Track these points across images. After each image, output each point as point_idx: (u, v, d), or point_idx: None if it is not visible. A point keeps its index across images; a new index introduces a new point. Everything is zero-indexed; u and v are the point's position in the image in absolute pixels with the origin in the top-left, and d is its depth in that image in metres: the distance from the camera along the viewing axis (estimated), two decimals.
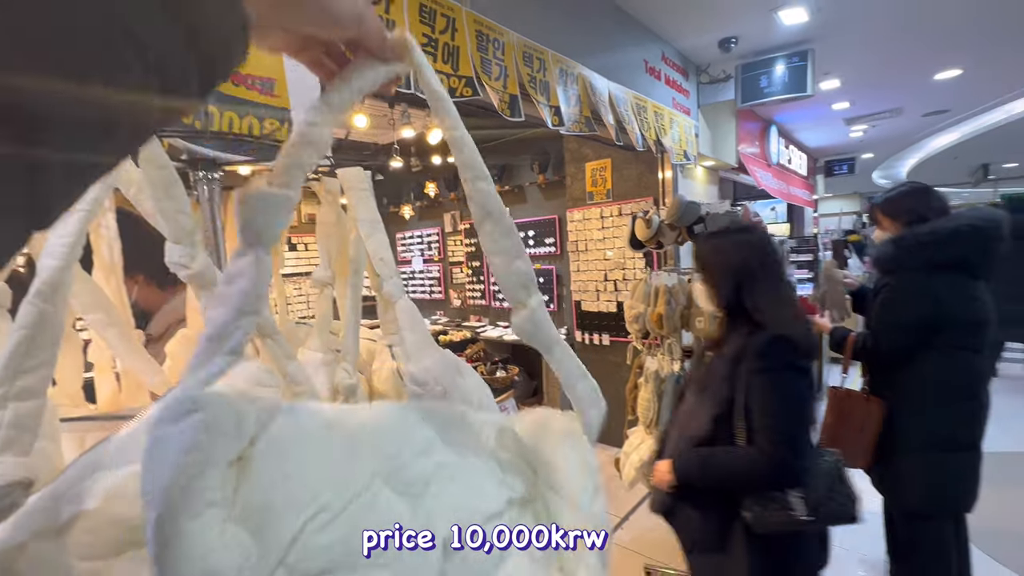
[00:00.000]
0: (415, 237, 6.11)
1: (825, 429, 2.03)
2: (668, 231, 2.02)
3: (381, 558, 0.30)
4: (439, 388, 0.68)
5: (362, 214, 0.76)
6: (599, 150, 3.82)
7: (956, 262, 1.74)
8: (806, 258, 6.32)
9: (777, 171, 5.22)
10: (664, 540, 2.66)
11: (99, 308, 0.60)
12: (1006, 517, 2.64)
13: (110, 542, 0.37)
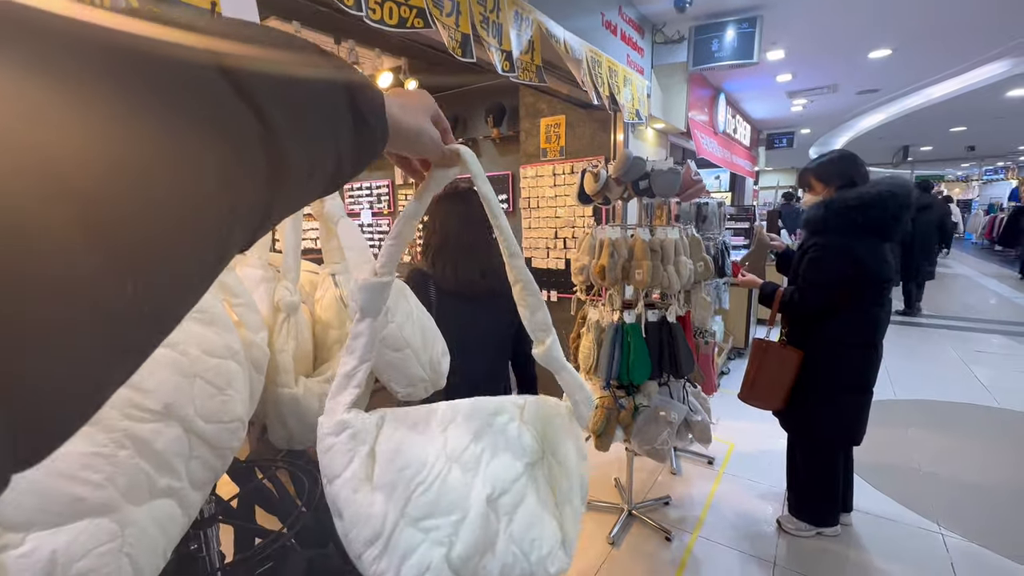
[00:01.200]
0: (364, 189, 5.88)
1: (747, 376, 2.25)
2: (615, 186, 2.08)
3: (456, 508, 0.47)
4: None
5: None
6: (554, 106, 3.79)
7: (875, 226, 1.92)
8: (743, 226, 6.69)
9: (723, 139, 5.41)
10: (596, 477, 2.88)
11: None
12: (886, 453, 3.07)
13: None
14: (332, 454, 0.45)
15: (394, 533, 0.44)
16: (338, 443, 0.45)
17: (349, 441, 0.45)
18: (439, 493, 0.47)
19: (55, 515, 0.36)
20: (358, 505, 0.43)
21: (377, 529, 0.43)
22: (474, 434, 0.53)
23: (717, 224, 3.06)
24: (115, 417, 0.41)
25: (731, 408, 3.73)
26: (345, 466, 0.44)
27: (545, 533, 0.51)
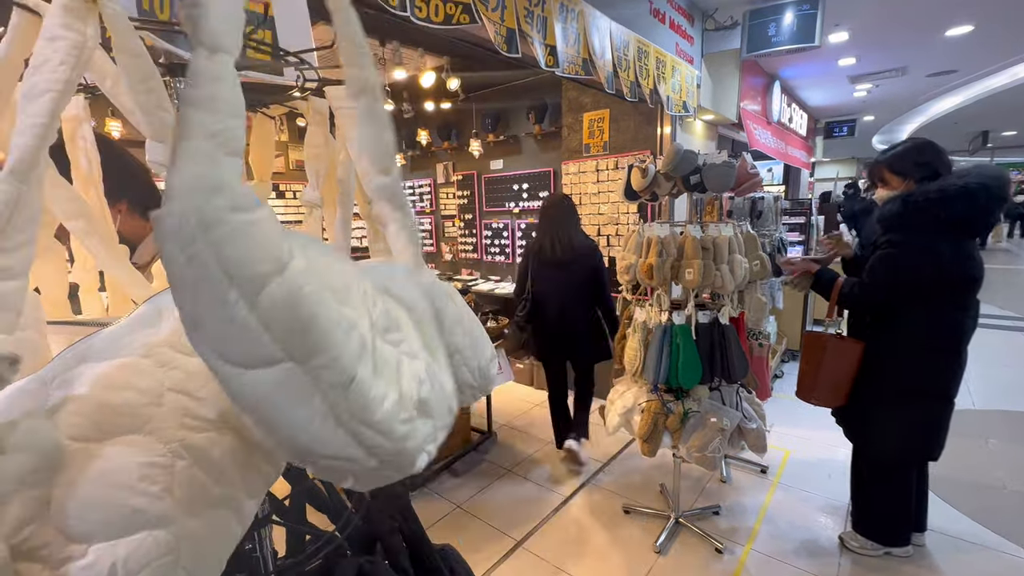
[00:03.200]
0: (407, 189, 5.98)
1: (802, 372, 2.10)
2: (663, 181, 2.00)
3: (402, 323, 0.43)
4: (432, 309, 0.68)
5: (351, 133, 0.73)
6: (598, 100, 3.70)
7: (961, 221, 1.73)
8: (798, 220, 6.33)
9: (777, 130, 5.12)
10: (642, 483, 2.80)
11: (80, 215, 0.58)
12: (963, 468, 2.81)
13: (99, 425, 0.38)
14: (256, 235, 0.28)
15: (376, 343, 0.34)
16: (261, 220, 0.29)
17: (275, 220, 0.30)
18: (385, 306, 0.40)
19: (115, 527, 0.36)
20: (332, 305, 0.32)
21: (363, 337, 0.33)
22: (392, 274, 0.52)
23: (773, 220, 2.88)
24: (172, 426, 0.41)
25: (786, 413, 3.53)
26: (287, 253, 0.30)
27: (444, 367, 0.50)
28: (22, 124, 0.37)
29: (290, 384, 0.30)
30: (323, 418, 0.32)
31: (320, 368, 0.30)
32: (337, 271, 0.37)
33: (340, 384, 0.31)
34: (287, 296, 0.29)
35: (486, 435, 3.29)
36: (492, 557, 2.24)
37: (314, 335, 0.30)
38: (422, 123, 5.27)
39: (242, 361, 0.29)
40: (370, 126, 0.50)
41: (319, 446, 0.33)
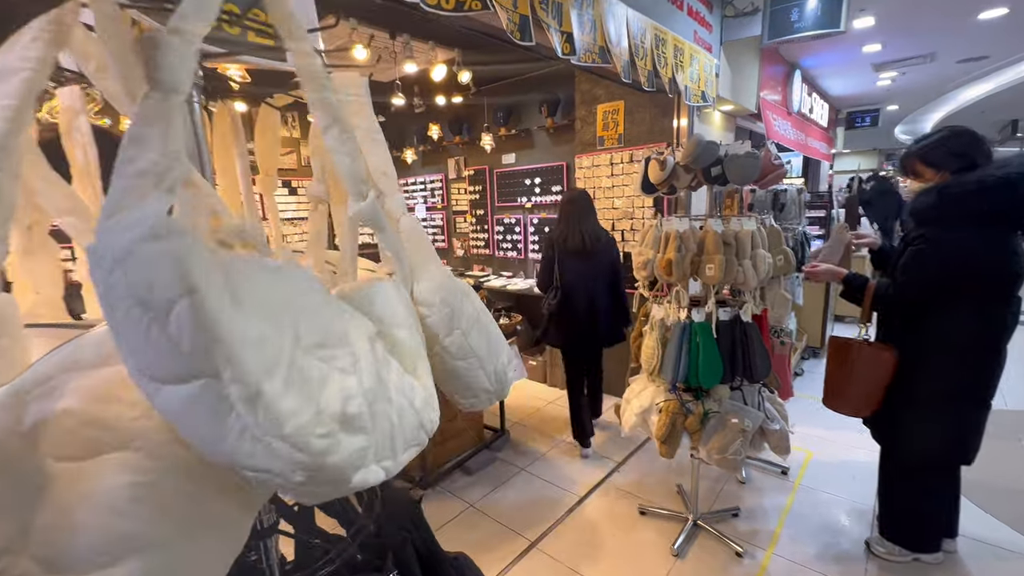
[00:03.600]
0: (418, 184, 5.95)
1: (830, 379, 2.02)
2: (683, 174, 1.93)
3: (344, 341, 0.42)
4: (446, 310, 0.64)
5: (361, 123, 0.69)
6: (612, 91, 3.62)
7: (1002, 213, 1.63)
8: (819, 214, 6.17)
9: (797, 120, 4.98)
10: (658, 484, 2.74)
11: (72, 212, 0.55)
12: (997, 470, 2.70)
13: (84, 443, 0.34)
14: (164, 265, 0.29)
15: (295, 358, 0.35)
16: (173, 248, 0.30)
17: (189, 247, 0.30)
18: (325, 322, 0.40)
19: (104, 555, 0.33)
20: (241, 324, 0.32)
21: (276, 353, 0.34)
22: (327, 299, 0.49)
23: (797, 213, 2.79)
24: (162, 441, 0.37)
25: (807, 413, 3.44)
26: (200, 279, 0.30)
27: (415, 383, 0.50)
28: None
29: (205, 399, 0.31)
30: (239, 432, 0.32)
31: (229, 382, 0.31)
32: (262, 290, 0.36)
33: (247, 398, 0.32)
34: (192, 316, 0.30)
35: (499, 433, 3.26)
36: (506, 558, 2.21)
37: (219, 351, 0.31)
38: (433, 117, 5.23)
39: (160, 377, 0.31)
40: (343, 155, 0.53)
41: (241, 458, 0.33)
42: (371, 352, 0.45)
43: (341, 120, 0.52)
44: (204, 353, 0.30)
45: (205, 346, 0.30)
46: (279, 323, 0.36)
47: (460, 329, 0.67)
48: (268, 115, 0.82)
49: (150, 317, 0.30)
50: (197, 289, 0.30)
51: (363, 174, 0.54)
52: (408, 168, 6.02)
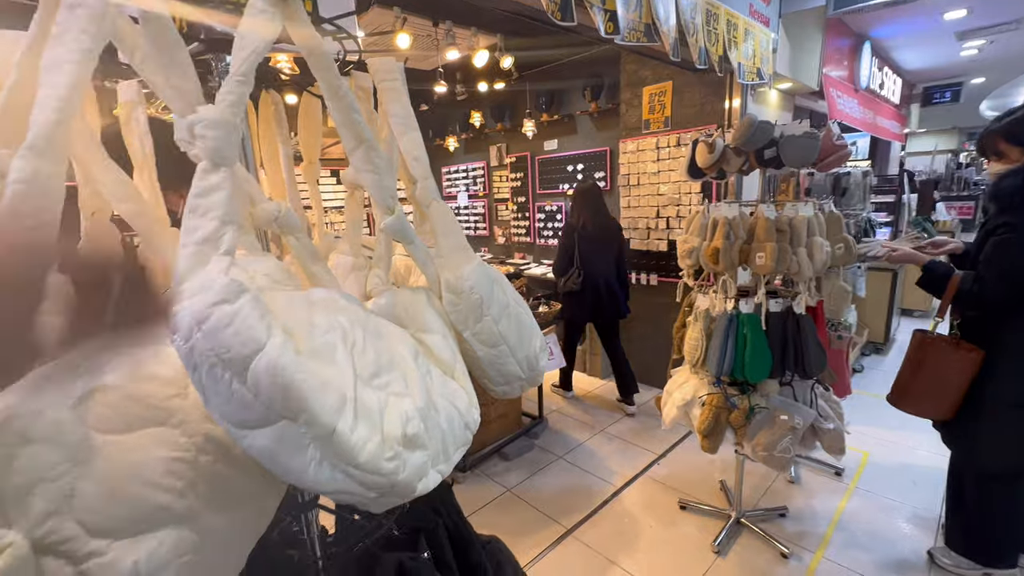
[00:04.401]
0: (460, 172, 5.99)
1: (903, 376, 1.87)
2: (733, 156, 1.82)
3: (394, 364, 0.46)
4: (475, 297, 0.63)
5: (394, 109, 0.69)
6: (659, 72, 3.47)
7: None
8: (887, 199, 5.71)
9: (865, 98, 4.59)
10: (700, 479, 2.67)
11: (128, 199, 0.58)
12: None
13: (125, 417, 0.36)
14: (238, 325, 0.33)
15: (358, 394, 0.39)
16: (242, 309, 0.34)
17: (254, 306, 0.34)
18: (375, 351, 0.43)
19: (139, 523, 0.35)
20: (308, 373, 0.36)
21: (343, 391, 0.38)
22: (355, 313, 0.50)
23: (861, 198, 2.58)
24: (196, 419, 0.39)
25: (864, 411, 3.23)
26: (265, 335, 0.34)
27: (456, 387, 0.54)
28: (43, 98, 0.35)
29: (286, 439, 0.35)
30: (318, 464, 0.36)
31: (305, 424, 0.35)
32: (320, 331, 0.40)
33: (323, 436, 0.36)
34: (267, 370, 0.33)
35: (537, 420, 3.27)
36: (541, 544, 2.23)
37: (293, 399, 0.34)
38: (475, 105, 5.22)
39: (244, 424, 0.34)
40: (369, 173, 0.55)
41: (321, 486, 0.37)
42: (416, 368, 0.48)
43: (366, 140, 0.54)
44: (282, 401, 0.34)
45: (281, 396, 0.34)
46: (338, 363, 0.39)
47: (490, 316, 0.67)
48: (310, 103, 0.83)
49: (230, 374, 0.33)
50: (269, 344, 0.34)
51: (391, 189, 0.57)
52: (450, 156, 6.06)
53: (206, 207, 0.37)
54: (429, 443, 0.44)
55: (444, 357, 0.56)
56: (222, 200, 0.37)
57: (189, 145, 0.44)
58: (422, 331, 0.56)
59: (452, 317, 0.63)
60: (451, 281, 0.64)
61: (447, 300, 0.64)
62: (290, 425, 0.35)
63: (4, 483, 0.31)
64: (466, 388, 0.57)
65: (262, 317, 0.35)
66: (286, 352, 0.35)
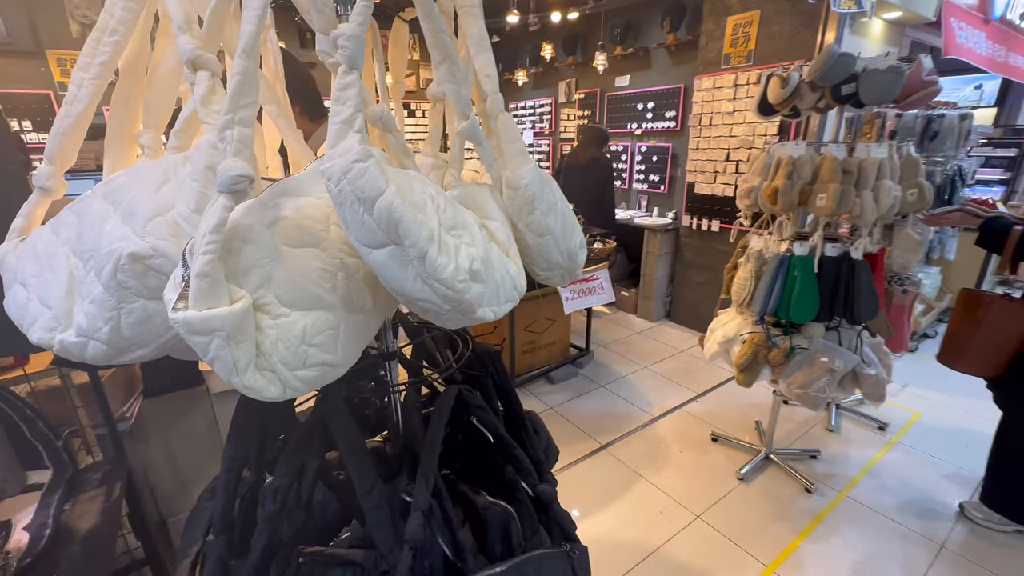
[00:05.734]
0: (527, 108, 5.93)
1: (950, 333, 1.85)
2: (808, 92, 1.75)
3: (465, 225, 0.61)
4: (528, 193, 0.78)
5: (471, 32, 0.82)
6: (748, 0, 3.22)
7: None
8: (1009, 153, 5.04)
9: (997, 30, 3.96)
10: (737, 418, 2.77)
11: (273, 101, 0.77)
12: None
13: (296, 237, 0.56)
14: (368, 176, 0.49)
15: (441, 234, 0.54)
16: (371, 167, 0.49)
17: (378, 166, 0.50)
18: (453, 213, 0.59)
19: (306, 302, 0.55)
20: (411, 213, 0.51)
21: (432, 229, 0.53)
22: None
23: (954, 144, 2.36)
24: (335, 248, 0.58)
25: (924, 374, 3.13)
26: (385, 184, 0.50)
27: (508, 260, 0.67)
28: (247, 15, 0.52)
29: (395, 257, 0.52)
30: (415, 278, 0.53)
31: (408, 247, 0.51)
32: (417, 192, 0.57)
33: (419, 257, 0.52)
34: (386, 208, 0.50)
35: (584, 351, 3.46)
36: (577, 454, 2.48)
37: (401, 229, 0.50)
38: (547, 36, 5.07)
39: (369, 244, 0.52)
40: (452, 84, 0.69)
41: (414, 293, 0.54)
42: (481, 235, 0.64)
43: (451, 56, 0.68)
44: (394, 230, 0.51)
45: (394, 227, 0.51)
46: (428, 213, 0.56)
47: (539, 210, 0.81)
48: (400, 28, 0.97)
49: (363, 208, 0.50)
50: (386, 190, 0.51)
51: (467, 99, 0.71)
52: (519, 91, 6.00)
53: (345, 98, 0.54)
54: (487, 282, 0.61)
55: (501, 239, 0.71)
56: (355, 94, 0.53)
57: (328, 56, 0.60)
58: (486, 217, 0.71)
59: (509, 209, 0.79)
60: (510, 178, 0.79)
61: (506, 195, 0.79)
62: (398, 248, 0.52)
63: (235, 266, 0.51)
64: (516, 263, 0.72)
65: (383, 173, 0.51)
66: (397, 198, 0.52)
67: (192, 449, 1.49)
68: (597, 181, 3.77)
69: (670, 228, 4.04)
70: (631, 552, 1.87)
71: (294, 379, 0.54)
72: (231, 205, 0.49)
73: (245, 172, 0.49)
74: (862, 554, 1.85)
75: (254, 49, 0.51)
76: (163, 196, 0.56)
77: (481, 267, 0.59)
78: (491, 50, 0.84)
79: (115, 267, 0.53)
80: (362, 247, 0.53)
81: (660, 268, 4.10)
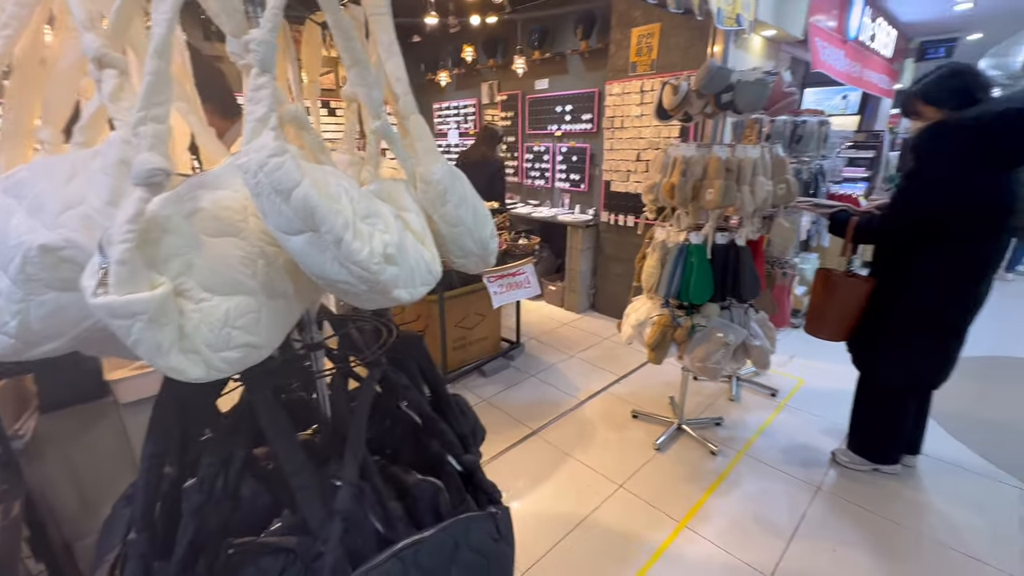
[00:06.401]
0: (451, 108, 5.98)
1: (811, 307, 2.17)
2: (696, 99, 1.99)
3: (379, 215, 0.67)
4: (440, 187, 0.86)
5: (381, 38, 0.88)
6: (649, 13, 3.51)
7: (996, 149, 1.66)
8: (867, 155, 5.87)
9: (854, 49, 4.63)
10: (655, 396, 3.03)
11: (183, 98, 0.78)
12: (976, 405, 2.84)
13: (215, 228, 0.59)
14: (285, 169, 0.53)
15: (355, 222, 0.60)
16: (286, 161, 0.54)
17: (293, 160, 0.55)
18: (367, 202, 0.65)
19: (227, 287, 0.59)
20: (325, 203, 0.57)
21: (347, 217, 0.59)
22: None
23: (816, 146, 2.77)
24: (255, 237, 0.62)
25: (807, 347, 3.59)
26: (300, 176, 0.55)
27: (423, 248, 0.74)
28: (156, 18, 0.55)
29: (313, 243, 0.57)
30: (332, 261, 0.59)
31: (324, 234, 0.57)
32: (332, 184, 0.62)
33: (335, 242, 0.58)
34: (302, 198, 0.55)
35: (514, 344, 3.59)
36: (509, 440, 2.59)
37: (317, 217, 0.56)
38: (468, 39, 5.15)
39: (288, 231, 0.57)
40: (363, 87, 0.75)
41: (333, 275, 0.60)
42: (396, 223, 0.69)
43: (361, 60, 0.73)
44: (310, 218, 0.55)
45: (310, 215, 0.55)
46: (343, 203, 0.61)
47: (451, 203, 0.89)
48: (312, 29, 1.01)
49: (280, 199, 0.54)
50: (301, 182, 0.55)
51: (379, 100, 0.77)
52: (442, 92, 6.02)
53: (259, 98, 0.58)
54: (402, 265, 0.67)
55: (416, 228, 0.77)
56: (269, 95, 0.58)
57: (239, 58, 0.64)
58: (402, 209, 0.77)
59: (423, 202, 0.86)
60: (423, 174, 0.86)
61: (420, 189, 0.86)
62: (315, 235, 0.57)
63: (156, 254, 0.54)
64: (431, 251, 0.79)
65: (299, 167, 0.56)
66: (312, 189, 0.57)
67: (99, 466, 1.40)
68: (486, 176, 4.02)
69: (591, 224, 4.29)
70: (562, 524, 2.01)
71: (218, 360, 0.58)
72: (148, 197, 0.52)
73: (161, 165, 0.52)
74: (756, 501, 2.13)
75: (165, 50, 0.55)
76: (73, 189, 0.57)
77: (395, 251, 0.66)
78: (401, 55, 0.90)
79: (23, 260, 0.54)
80: (281, 235, 0.58)
81: (583, 262, 4.33)
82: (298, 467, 0.78)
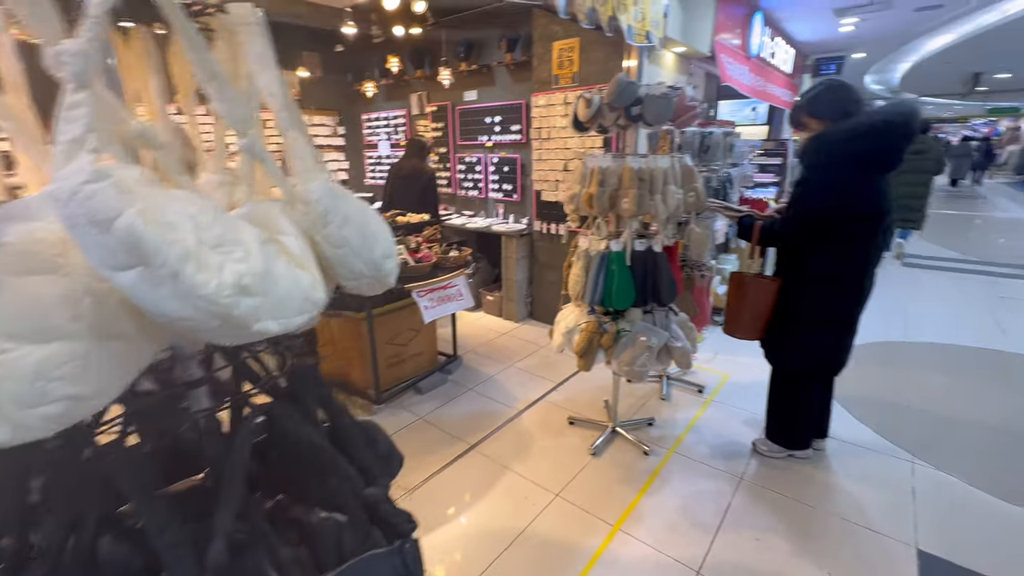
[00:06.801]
0: (381, 119, 5.85)
1: (728, 308, 2.30)
2: (608, 112, 2.06)
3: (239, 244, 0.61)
4: (320, 208, 0.81)
5: (252, 48, 0.82)
6: (569, 28, 3.62)
7: (869, 156, 1.85)
8: (775, 161, 6.36)
9: (757, 65, 5.03)
10: (589, 400, 3.08)
11: (9, 119, 0.69)
12: (877, 388, 3.13)
13: (22, 266, 0.52)
14: (101, 197, 0.47)
15: (201, 252, 0.53)
16: (102, 188, 0.47)
17: (113, 187, 0.48)
18: (222, 230, 0.59)
19: (39, 335, 0.51)
20: (155, 233, 0.49)
21: (186, 248, 0.52)
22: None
23: (721, 155, 2.96)
24: (81, 274, 0.55)
25: (731, 344, 3.77)
26: (122, 205, 0.48)
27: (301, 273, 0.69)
28: None
29: (145, 279, 0.51)
30: (170, 297, 0.52)
31: (158, 268, 0.51)
32: (171, 211, 0.55)
33: (171, 276, 0.51)
34: (125, 228, 0.48)
35: (451, 358, 3.52)
36: (447, 457, 2.53)
37: (144, 249, 0.49)
38: (393, 49, 5.08)
39: (114, 267, 0.50)
40: (222, 102, 0.69)
41: (173, 312, 0.53)
42: (261, 251, 0.63)
43: (217, 75, 0.68)
44: (136, 251, 0.48)
45: (136, 247, 0.48)
46: (183, 231, 0.54)
47: (334, 223, 0.84)
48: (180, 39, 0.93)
49: (98, 230, 0.47)
50: (124, 211, 0.48)
51: (243, 116, 0.71)
52: (370, 103, 5.88)
53: (74, 117, 0.50)
54: (264, 298, 0.61)
55: (295, 252, 0.71)
56: (86, 113, 0.51)
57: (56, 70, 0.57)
58: (277, 232, 0.71)
59: (304, 224, 0.81)
60: (301, 194, 0.81)
61: (300, 209, 0.81)
62: (147, 269, 0.50)
63: None
64: (313, 275, 0.73)
65: (120, 193, 0.50)
66: (138, 218, 0.50)
67: None
68: (419, 186, 4.11)
69: (524, 233, 4.33)
70: (499, 539, 1.97)
71: (32, 418, 0.50)
72: None
73: None
74: (684, 497, 2.20)
75: None
76: None
77: (253, 281, 0.60)
78: (275, 68, 0.85)
79: None
80: (106, 270, 0.51)
81: (519, 271, 4.36)
82: (161, 526, 0.70)
